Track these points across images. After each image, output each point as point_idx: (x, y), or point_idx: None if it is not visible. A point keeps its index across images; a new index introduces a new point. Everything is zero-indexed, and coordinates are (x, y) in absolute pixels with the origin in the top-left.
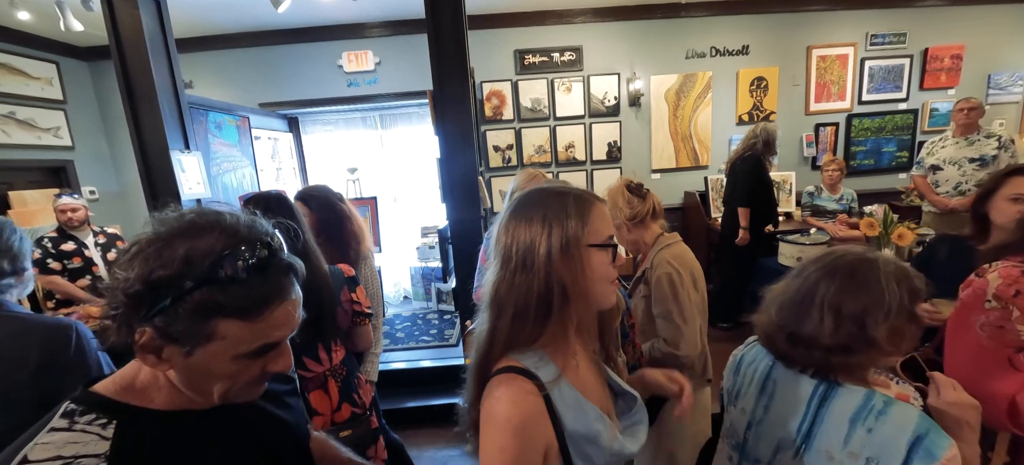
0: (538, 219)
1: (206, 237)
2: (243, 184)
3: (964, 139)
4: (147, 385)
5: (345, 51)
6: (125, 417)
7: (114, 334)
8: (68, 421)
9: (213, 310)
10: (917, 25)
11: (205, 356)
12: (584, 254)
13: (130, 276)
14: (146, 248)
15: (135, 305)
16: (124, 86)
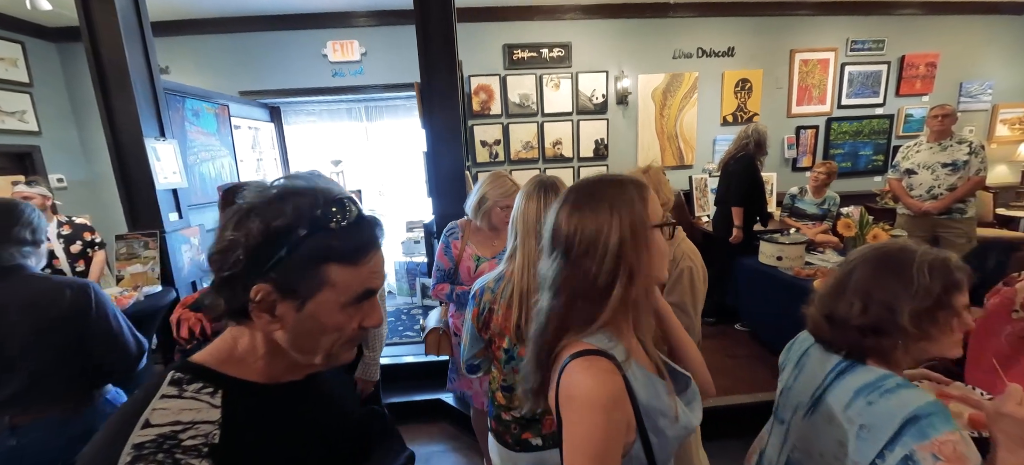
0: (605, 208)
1: (307, 194)
2: (222, 174)
3: (937, 144)
4: (245, 356)
5: (330, 40)
6: (230, 386)
7: (225, 300)
8: (177, 389)
9: (325, 255)
10: (895, 33)
11: (316, 307)
12: (648, 235)
13: (249, 232)
14: (256, 206)
15: (254, 260)
16: (95, 70)
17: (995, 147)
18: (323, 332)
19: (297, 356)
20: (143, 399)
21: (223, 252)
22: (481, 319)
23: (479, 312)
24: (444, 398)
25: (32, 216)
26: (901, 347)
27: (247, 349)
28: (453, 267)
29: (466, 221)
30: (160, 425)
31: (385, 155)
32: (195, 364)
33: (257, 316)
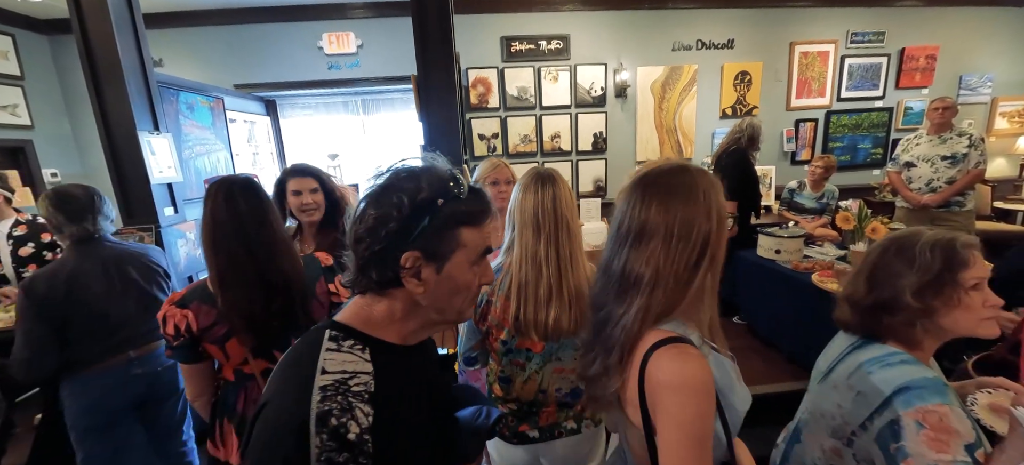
0: (698, 196)
1: (435, 171)
2: (217, 168)
3: (937, 137)
4: (381, 320)
5: (325, 32)
6: (373, 344)
7: (376, 273)
8: (336, 344)
9: (458, 220)
10: (896, 25)
11: (452, 267)
12: (725, 226)
13: (399, 206)
14: (395, 185)
15: (404, 230)
16: (87, 62)
17: (994, 140)
18: (457, 291)
19: (435, 316)
20: (308, 351)
21: (373, 229)
22: (478, 311)
23: (477, 304)
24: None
25: (104, 197)
26: (919, 326)
27: (383, 314)
28: None
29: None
30: (333, 372)
31: (382, 149)
32: (343, 324)
33: (407, 280)
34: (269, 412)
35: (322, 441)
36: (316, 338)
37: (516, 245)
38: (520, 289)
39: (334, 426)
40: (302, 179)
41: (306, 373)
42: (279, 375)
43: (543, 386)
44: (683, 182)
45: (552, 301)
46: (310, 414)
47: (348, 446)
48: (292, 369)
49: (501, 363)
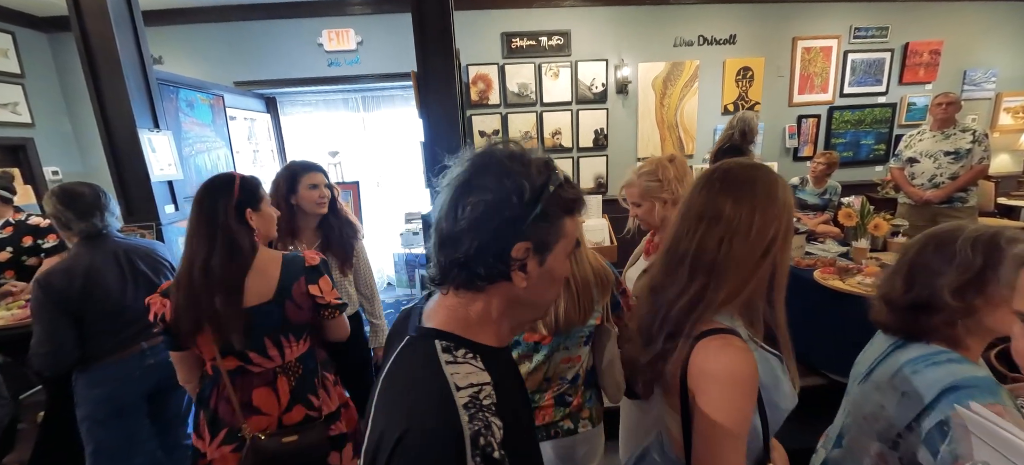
0: (761, 191)
1: (531, 156)
2: (218, 165)
3: (940, 133)
4: (478, 321)
5: (325, 29)
6: (482, 352)
7: (484, 268)
8: (452, 356)
9: (562, 208)
10: (899, 19)
11: (553, 259)
12: (792, 230)
13: (519, 189)
14: (497, 169)
15: (518, 217)
16: (86, 60)
17: (998, 136)
18: (553, 283)
19: (528, 313)
20: (426, 365)
21: (481, 219)
22: None
23: None
24: None
25: (109, 195)
26: (960, 326)
27: (480, 314)
28: None
29: None
30: (466, 387)
31: (382, 146)
32: (445, 331)
33: (515, 274)
34: (414, 440)
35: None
36: (427, 349)
37: None
38: None
39: (483, 446)
40: (317, 174)
41: (442, 391)
42: (402, 397)
43: (549, 374)
44: (761, 179)
45: (560, 295)
46: (465, 437)
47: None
48: (418, 389)
49: None
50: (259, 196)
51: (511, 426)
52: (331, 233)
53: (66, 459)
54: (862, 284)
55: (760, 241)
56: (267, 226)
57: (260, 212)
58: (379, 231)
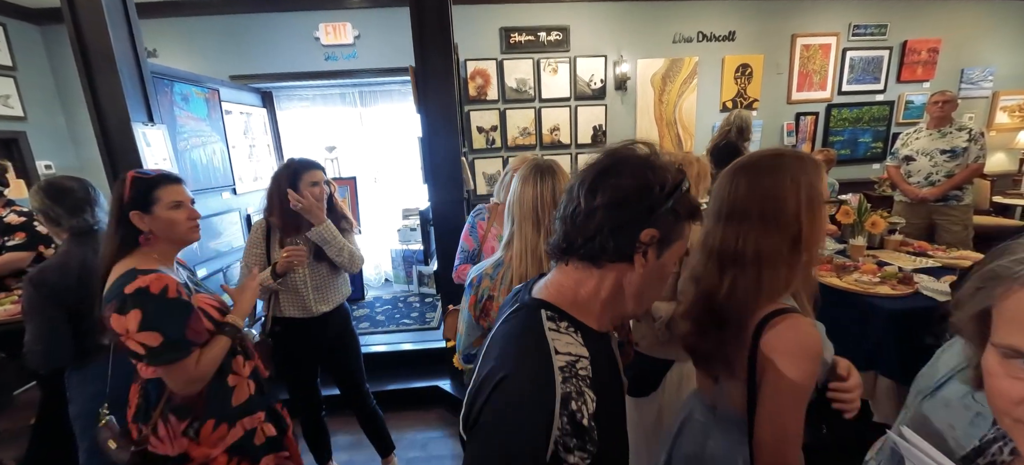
0: (787, 179)
1: (661, 158)
2: (213, 160)
3: (937, 131)
4: (586, 301)
5: (322, 22)
6: (583, 330)
7: (615, 242)
8: (555, 325)
9: (688, 211)
10: (898, 17)
11: (668, 255)
12: (820, 209)
13: (662, 181)
14: (646, 165)
15: (654, 205)
16: (79, 52)
17: (994, 134)
18: (661, 280)
19: (630, 306)
20: (531, 326)
21: (626, 200)
22: (479, 307)
23: (477, 300)
24: (441, 385)
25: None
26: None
27: (589, 294)
28: (477, 247)
29: (494, 203)
30: (564, 354)
31: (380, 141)
32: (554, 304)
33: (638, 257)
34: (513, 385)
35: (562, 423)
36: (533, 316)
37: (516, 239)
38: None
39: (572, 410)
40: (317, 172)
41: (542, 350)
42: (509, 346)
43: None
44: (771, 164)
45: None
46: (556, 394)
47: (580, 431)
48: (522, 342)
49: None
50: (152, 198)
51: (605, 406)
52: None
53: (61, 457)
54: (859, 281)
55: (781, 225)
56: (166, 229)
57: (153, 215)
58: (376, 227)
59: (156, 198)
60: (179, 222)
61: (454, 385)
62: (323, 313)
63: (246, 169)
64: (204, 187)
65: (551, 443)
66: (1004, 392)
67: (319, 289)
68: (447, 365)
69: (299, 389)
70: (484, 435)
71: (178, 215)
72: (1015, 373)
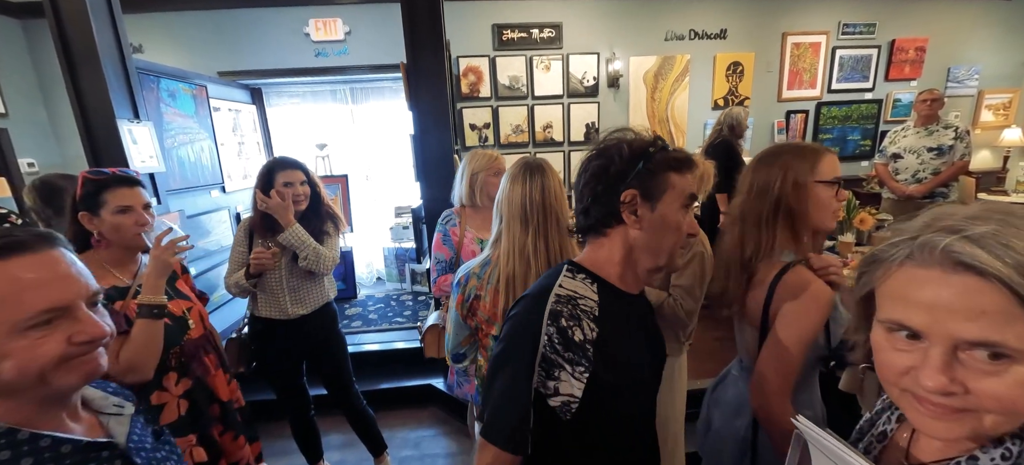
0: (778, 165)
1: (641, 132)
2: (201, 158)
3: (924, 129)
4: (605, 262)
5: (312, 18)
6: (599, 281)
7: (597, 211)
8: (571, 275)
9: (668, 165)
10: (886, 16)
11: (664, 207)
12: (811, 188)
13: (619, 152)
14: (614, 140)
15: (622, 172)
16: (61, 48)
17: (979, 132)
18: (668, 229)
19: (647, 258)
20: (552, 276)
21: (597, 174)
22: (466, 306)
23: (464, 299)
24: (434, 383)
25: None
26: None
27: (606, 256)
28: (454, 255)
29: (460, 207)
30: (566, 290)
31: (371, 138)
32: (577, 263)
33: (626, 216)
34: (520, 307)
35: (550, 333)
36: (558, 270)
37: (504, 237)
38: (508, 283)
39: (563, 326)
40: (293, 172)
41: (547, 286)
42: (531, 290)
43: None
44: (772, 152)
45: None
46: (545, 307)
47: (572, 346)
48: (538, 286)
49: None
50: (100, 200)
51: (610, 342)
52: (308, 229)
53: None
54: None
55: (763, 200)
56: (113, 233)
57: (100, 217)
58: (369, 226)
59: (103, 201)
60: (125, 227)
61: (447, 384)
62: (300, 315)
63: (235, 167)
64: (192, 185)
65: (540, 345)
66: (890, 364)
67: (295, 291)
68: (440, 364)
69: (283, 389)
70: (503, 331)
71: (124, 220)
72: (898, 345)
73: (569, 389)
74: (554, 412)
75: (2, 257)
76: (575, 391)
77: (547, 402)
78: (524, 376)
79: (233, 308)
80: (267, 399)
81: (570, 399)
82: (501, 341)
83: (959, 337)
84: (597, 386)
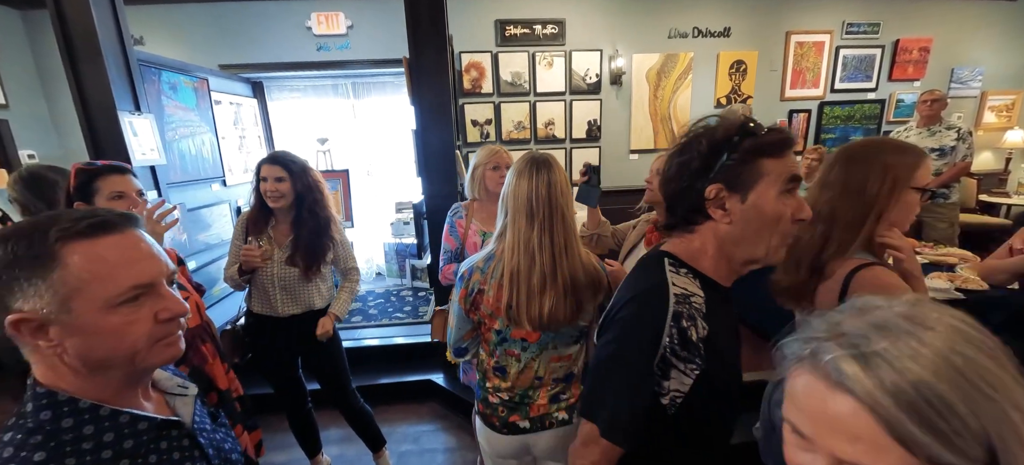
0: (878, 163)
1: (727, 117)
2: (202, 151)
3: (926, 130)
4: (698, 255)
5: (314, 12)
6: (701, 277)
7: (682, 208)
8: (675, 269)
9: (758, 151)
10: (891, 16)
11: (756, 196)
12: (906, 191)
13: (698, 149)
14: (698, 133)
15: (705, 166)
16: (62, 39)
17: (982, 134)
18: (763, 222)
19: (742, 252)
20: (655, 267)
21: (678, 173)
22: (469, 300)
23: (467, 293)
24: (434, 379)
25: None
26: None
27: (699, 249)
28: (459, 246)
29: (470, 201)
30: (680, 288)
31: (373, 133)
32: (674, 254)
33: (713, 211)
34: (636, 300)
35: (673, 333)
36: (656, 261)
37: (509, 232)
38: (512, 277)
39: (683, 327)
40: (271, 167)
41: (661, 279)
42: (639, 280)
43: (539, 373)
44: (862, 148)
45: (546, 290)
46: (669, 308)
47: (689, 345)
48: (643, 278)
49: (497, 354)
50: (93, 188)
51: (715, 338)
52: (300, 234)
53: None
54: None
55: (858, 199)
56: None
57: (95, 206)
58: (369, 221)
59: (96, 189)
60: None
61: (446, 379)
62: (291, 315)
63: (236, 160)
64: (193, 178)
65: (661, 346)
66: (790, 459)
67: (288, 290)
68: (439, 359)
69: (278, 383)
70: (616, 327)
71: (118, 207)
72: (798, 444)
73: (678, 385)
74: (659, 405)
75: (94, 235)
76: (683, 386)
77: (658, 398)
78: (645, 376)
79: (234, 301)
80: (267, 392)
81: (677, 394)
82: (614, 341)
83: (839, 456)
84: (704, 380)
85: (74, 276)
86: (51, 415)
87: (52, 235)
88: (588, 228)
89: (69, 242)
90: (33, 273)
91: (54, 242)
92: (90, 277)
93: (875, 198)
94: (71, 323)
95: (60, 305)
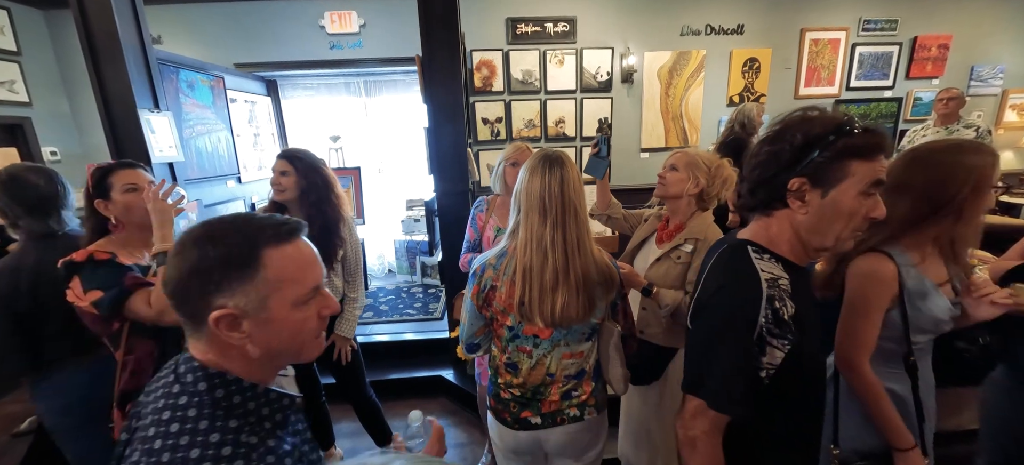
0: (961, 166)
1: (827, 114)
2: (218, 148)
3: (944, 129)
4: (776, 239)
5: (327, 11)
6: (783, 261)
7: (763, 195)
8: (759, 255)
9: (849, 153)
10: (909, 12)
11: (837, 194)
12: (986, 194)
13: (792, 141)
14: (794, 124)
15: (794, 159)
16: (84, 38)
17: (1002, 133)
18: (837, 217)
19: (812, 239)
20: (739, 256)
21: (767, 161)
22: (482, 296)
23: (480, 289)
24: (444, 374)
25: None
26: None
27: (776, 234)
28: (478, 238)
29: (494, 196)
30: (768, 273)
31: (385, 131)
32: (753, 241)
33: (791, 201)
34: (729, 288)
35: (767, 315)
36: (741, 250)
37: (521, 228)
38: (525, 274)
39: (776, 308)
40: (278, 161)
41: (751, 265)
42: (721, 271)
43: (551, 370)
44: (949, 147)
45: (558, 287)
46: (762, 293)
47: (781, 325)
48: (731, 267)
49: (508, 350)
50: (107, 184)
51: (802, 318)
52: (310, 230)
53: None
54: None
55: (929, 202)
56: (125, 214)
57: (112, 201)
58: (380, 218)
59: (111, 184)
60: (135, 206)
61: (457, 375)
62: None
63: (251, 157)
64: (209, 175)
65: (758, 327)
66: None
67: None
68: (450, 355)
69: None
70: (714, 312)
71: (133, 199)
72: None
73: (771, 358)
74: (757, 376)
75: (291, 239)
76: (775, 359)
77: (756, 372)
78: (748, 354)
79: None
80: None
81: (770, 366)
82: (716, 324)
83: None
84: (795, 353)
85: (274, 277)
86: (224, 393)
87: (260, 241)
88: (598, 208)
89: (269, 247)
90: (243, 274)
91: (261, 247)
92: (286, 279)
93: (953, 198)
94: (265, 318)
95: (259, 303)
